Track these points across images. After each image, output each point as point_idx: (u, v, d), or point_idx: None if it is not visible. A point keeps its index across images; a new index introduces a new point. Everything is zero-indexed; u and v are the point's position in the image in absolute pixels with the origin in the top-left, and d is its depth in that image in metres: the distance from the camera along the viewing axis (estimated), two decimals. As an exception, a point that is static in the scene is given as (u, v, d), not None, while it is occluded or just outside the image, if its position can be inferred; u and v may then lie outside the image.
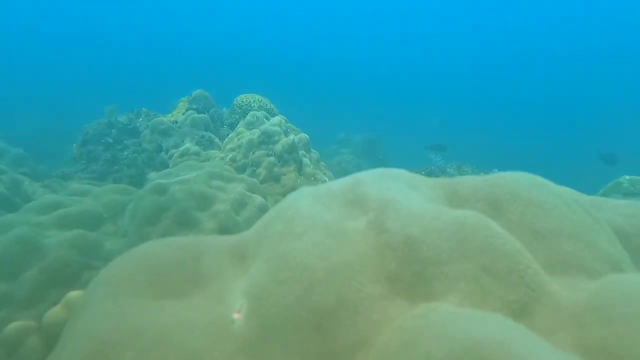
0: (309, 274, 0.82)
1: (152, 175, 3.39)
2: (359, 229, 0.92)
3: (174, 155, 3.88)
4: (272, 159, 3.35)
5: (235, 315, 0.85)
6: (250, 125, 3.94)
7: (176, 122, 4.37)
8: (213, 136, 4.24)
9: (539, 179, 1.00)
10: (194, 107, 4.62)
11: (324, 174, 3.71)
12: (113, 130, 4.02)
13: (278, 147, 3.41)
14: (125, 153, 3.69)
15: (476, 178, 1.05)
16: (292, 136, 3.53)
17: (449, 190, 1.07)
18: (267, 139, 3.48)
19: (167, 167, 3.66)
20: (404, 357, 0.60)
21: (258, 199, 2.36)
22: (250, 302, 0.84)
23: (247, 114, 4.18)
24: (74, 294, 1.40)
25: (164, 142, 4.05)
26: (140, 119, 4.40)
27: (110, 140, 3.85)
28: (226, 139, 4.00)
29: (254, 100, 4.90)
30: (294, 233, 0.92)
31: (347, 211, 0.98)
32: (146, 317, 0.79)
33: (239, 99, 4.91)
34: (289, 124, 3.99)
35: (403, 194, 0.97)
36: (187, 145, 3.97)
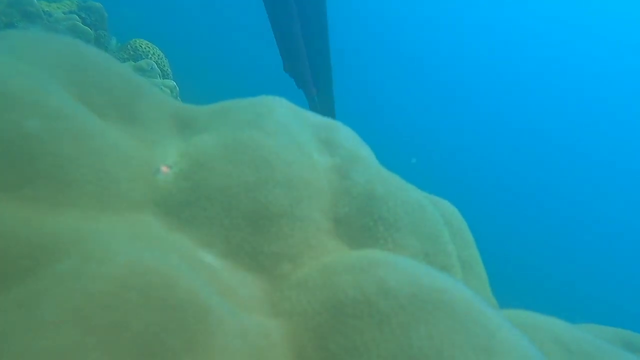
0: (269, 170, 0.73)
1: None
2: (323, 165, 0.87)
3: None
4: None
5: (164, 168, 0.71)
6: (139, 71, 3.51)
7: (50, 14, 3.58)
8: (89, 55, 3.58)
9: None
10: (82, 15, 3.85)
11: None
12: None
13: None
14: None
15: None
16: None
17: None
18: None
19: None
20: (349, 276, 0.55)
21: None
22: (189, 164, 0.72)
23: (139, 60, 3.73)
24: None
25: (21, 24, 3.23)
26: (3, -18, 3.50)
27: None
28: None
29: (154, 53, 4.30)
30: (263, 128, 0.82)
31: (316, 145, 0.92)
32: (65, 100, 0.62)
33: (137, 41, 4.26)
34: (178, 97, 3.68)
35: (373, 159, 0.95)
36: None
